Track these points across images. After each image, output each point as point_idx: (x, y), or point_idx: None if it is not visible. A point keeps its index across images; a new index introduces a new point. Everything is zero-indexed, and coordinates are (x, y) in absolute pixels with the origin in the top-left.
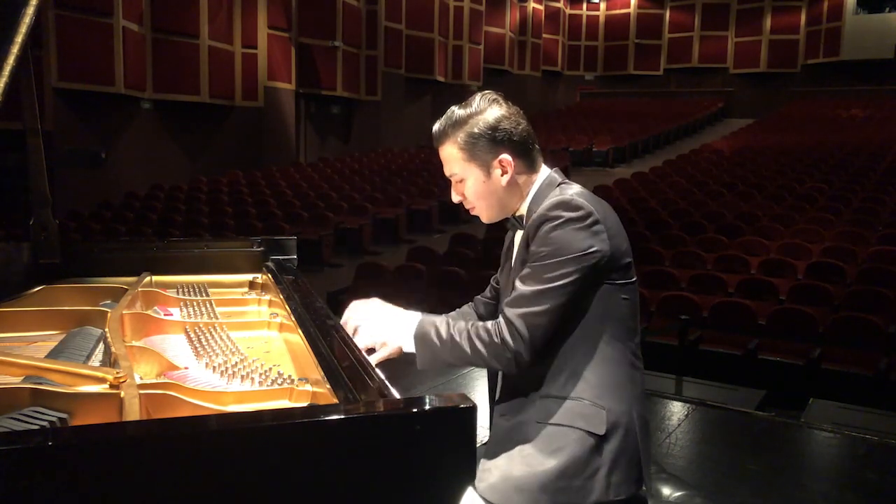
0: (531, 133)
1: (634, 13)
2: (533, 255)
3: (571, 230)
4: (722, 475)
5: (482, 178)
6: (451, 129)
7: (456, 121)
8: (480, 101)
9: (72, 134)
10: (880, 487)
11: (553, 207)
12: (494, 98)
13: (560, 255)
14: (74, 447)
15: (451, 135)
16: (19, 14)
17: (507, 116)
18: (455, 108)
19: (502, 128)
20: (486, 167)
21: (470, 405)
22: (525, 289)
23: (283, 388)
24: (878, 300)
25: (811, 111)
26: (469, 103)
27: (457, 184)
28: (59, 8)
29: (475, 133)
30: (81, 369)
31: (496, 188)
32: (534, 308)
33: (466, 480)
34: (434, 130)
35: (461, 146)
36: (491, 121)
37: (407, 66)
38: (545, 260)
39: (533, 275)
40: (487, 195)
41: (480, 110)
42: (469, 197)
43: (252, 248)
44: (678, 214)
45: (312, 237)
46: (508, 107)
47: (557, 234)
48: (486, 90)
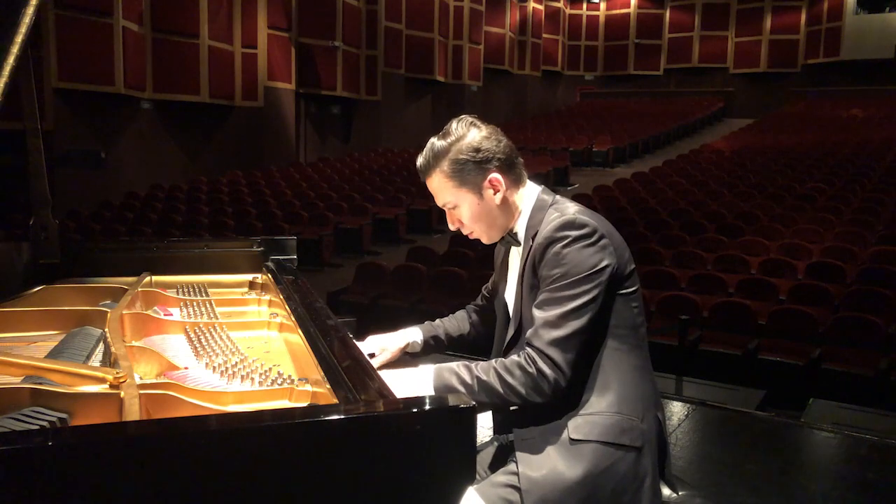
0: (513, 147)
1: (634, 13)
2: (546, 278)
3: (581, 248)
4: (722, 475)
5: (476, 200)
6: (434, 160)
7: (438, 151)
8: (458, 126)
9: (72, 134)
10: (880, 487)
11: (559, 228)
12: (471, 121)
13: (575, 275)
14: (74, 447)
15: (436, 166)
16: (19, 14)
17: (487, 136)
18: (434, 140)
19: (485, 148)
20: (477, 190)
21: (470, 405)
22: (548, 315)
23: (283, 388)
24: (878, 300)
25: (811, 111)
26: (447, 132)
27: (451, 211)
28: (59, 8)
29: (461, 159)
30: (81, 369)
31: (490, 208)
32: (561, 332)
33: (466, 480)
34: (419, 165)
35: (449, 174)
36: (473, 143)
37: (407, 66)
38: (561, 281)
39: (552, 299)
40: (483, 216)
41: (460, 136)
42: (466, 222)
43: (252, 248)
44: (678, 214)
45: (312, 237)
46: (486, 126)
47: (568, 254)
48: (462, 115)
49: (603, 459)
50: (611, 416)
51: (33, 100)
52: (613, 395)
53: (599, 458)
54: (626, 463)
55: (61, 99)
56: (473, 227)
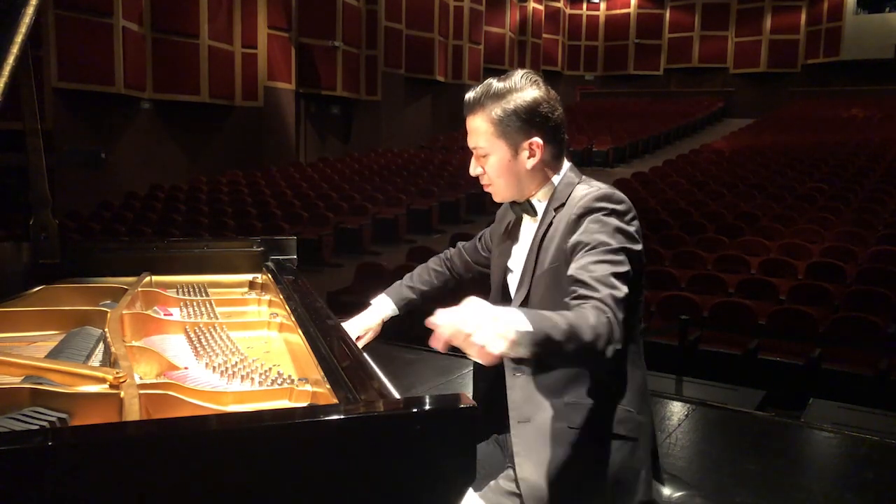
0: (564, 122)
1: (634, 13)
2: (585, 244)
3: (621, 221)
4: (722, 475)
5: (508, 156)
6: (487, 100)
7: (494, 93)
8: (521, 79)
9: (72, 134)
10: (880, 487)
11: (599, 199)
12: (535, 79)
13: (619, 244)
14: (74, 447)
15: (486, 106)
16: (19, 14)
17: (547, 100)
18: (493, 81)
19: (540, 110)
20: (514, 147)
21: (470, 405)
22: (601, 273)
23: (283, 388)
24: (878, 300)
25: (811, 111)
26: (509, 78)
27: (480, 157)
28: (59, 8)
29: (510, 110)
30: (81, 369)
31: (520, 169)
32: (617, 292)
33: (467, 480)
34: (468, 98)
35: (494, 121)
36: (529, 100)
37: (407, 66)
38: (604, 247)
39: (600, 261)
40: (509, 175)
41: (520, 88)
42: (489, 172)
43: (252, 248)
44: (678, 214)
45: (312, 237)
46: (548, 90)
47: (608, 223)
48: (528, 70)
49: (600, 450)
50: (605, 407)
51: (33, 100)
52: (610, 387)
53: (597, 448)
54: (623, 453)
55: (61, 99)
56: (494, 181)
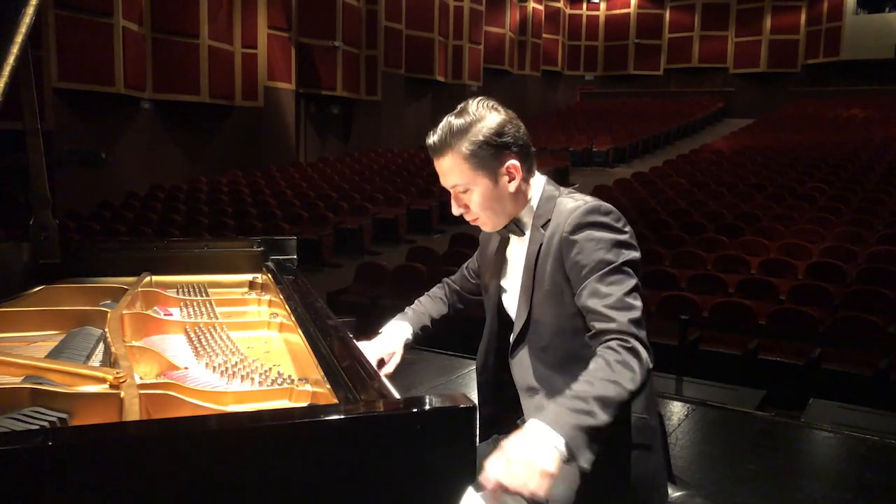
0: (528, 136)
1: (634, 13)
2: (583, 265)
3: (613, 232)
4: (722, 475)
5: (490, 186)
6: (452, 138)
7: (458, 130)
8: (477, 107)
9: (72, 134)
10: (880, 487)
11: (588, 213)
12: (491, 104)
13: (616, 259)
14: (74, 447)
15: (453, 145)
16: (19, 14)
17: (509, 121)
18: (451, 119)
19: (507, 132)
20: (493, 175)
21: (470, 405)
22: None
23: (283, 388)
24: (878, 300)
25: (811, 111)
26: (465, 111)
27: (459, 195)
28: (59, 8)
29: (479, 141)
30: (81, 369)
31: (503, 195)
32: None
33: (466, 480)
34: (432, 142)
35: (466, 155)
36: (494, 126)
37: (407, 66)
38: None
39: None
40: (495, 203)
41: (481, 116)
42: (474, 207)
43: (252, 248)
44: (678, 214)
45: (312, 237)
46: (506, 111)
47: (603, 238)
48: (479, 97)
49: (618, 462)
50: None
51: (33, 100)
52: None
53: (614, 460)
54: (640, 463)
55: (61, 99)
56: (481, 213)
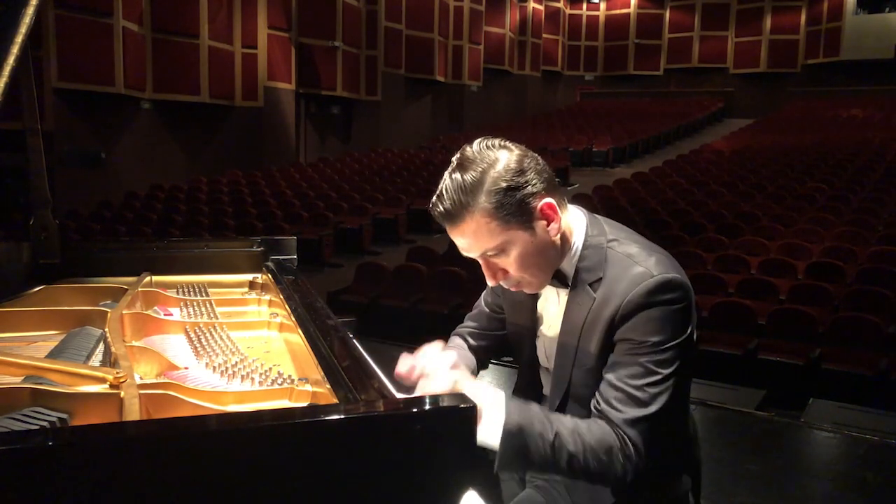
0: (545, 164)
1: (634, 13)
2: (629, 342)
3: (675, 313)
4: (722, 475)
5: (528, 238)
6: (468, 197)
7: (471, 186)
8: (481, 151)
9: (72, 134)
10: (880, 487)
11: (656, 291)
12: (497, 142)
13: (668, 341)
14: (74, 447)
15: (471, 205)
16: (19, 14)
17: (524, 154)
18: (456, 175)
19: (528, 168)
20: (529, 224)
21: (470, 405)
22: (630, 386)
23: (283, 388)
24: (878, 300)
25: (811, 111)
26: (469, 160)
27: (491, 261)
28: (59, 8)
29: (502, 189)
30: (81, 369)
31: (546, 245)
32: (648, 410)
33: (467, 480)
34: (443, 210)
35: (491, 212)
36: (514, 166)
37: (407, 66)
38: (648, 347)
39: (636, 365)
40: (538, 258)
41: (492, 161)
42: (515, 271)
43: (252, 248)
44: (678, 214)
45: (312, 237)
46: (517, 145)
47: (662, 319)
48: (476, 140)
49: None
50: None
51: (33, 100)
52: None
53: None
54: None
55: (61, 99)
56: (524, 274)
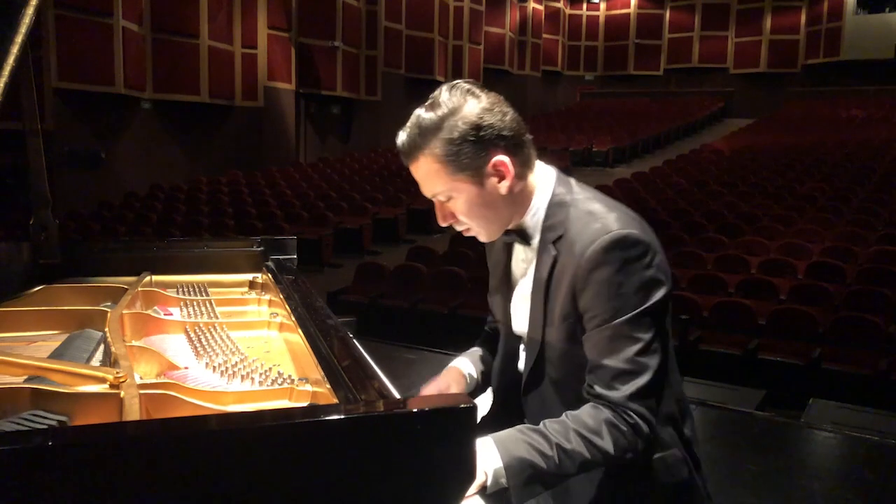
0: (520, 121)
1: (634, 13)
2: (597, 313)
3: (638, 273)
4: (722, 475)
5: (475, 190)
6: (422, 139)
7: (427, 128)
8: (450, 95)
9: (72, 134)
10: (880, 487)
11: (610, 248)
12: (467, 88)
13: (638, 306)
14: (74, 447)
15: (424, 146)
16: (19, 14)
17: (489, 108)
18: (421, 112)
19: (487, 123)
20: (478, 177)
21: (470, 405)
22: (619, 360)
23: (283, 388)
24: (878, 300)
25: (811, 111)
26: (436, 102)
27: (443, 204)
28: (59, 8)
29: (456, 137)
30: (82, 369)
31: (495, 199)
32: (643, 379)
33: (467, 480)
34: (400, 143)
35: (441, 158)
36: (472, 118)
37: (407, 66)
38: (622, 316)
39: (618, 338)
40: (485, 210)
41: (454, 108)
42: (462, 216)
43: (252, 247)
44: (678, 214)
45: (312, 237)
46: (487, 94)
47: (624, 282)
48: (456, 81)
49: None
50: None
51: (33, 100)
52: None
53: None
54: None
55: (61, 99)
56: (470, 223)
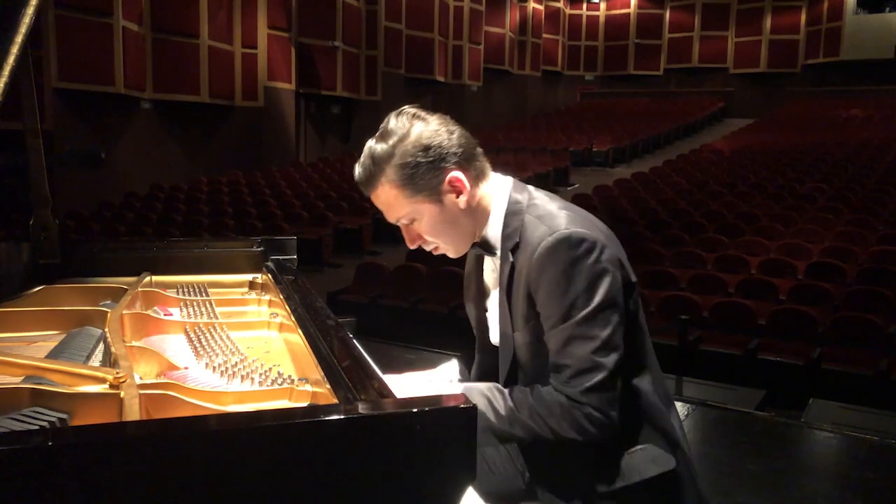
0: (469, 137)
1: (634, 13)
2: (551, 313)
3: (586, 270)
4: (722, 475)
5: (436, 209)
6: (377, 168)
7: (380, 157)
8: (398, 123)
9: (72, 134)
10: (880, 487)
11: (554, 248)
12: (413, 113)
13: (590, 304)
14: (74, 447)
15: (380, 175)
16: (19, 14)
17: (437, 129)
18: (372, 144)
19: (436, 143)
20: (436, 195)
21: (470, 405)
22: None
23: (283, 388)
24: (878, 300)
25: (811, 111)
26: (386, 132)
27: (408, 227)
28: (59, 8)
29: (409, 162)
30: (81, 369)
31: (455, 215)
32: (599, 375)
33: (467, 480)
34: (358, 177)
35: (398, 183)
36: (422, 141)
37: (407, 66)
38: (576, 315)
39: (573, 337)
40: (448, 227)
41: (404, 134)
42: (428, 236)
43: (252, 248)
44: (678, 214)
45: (312, 237)
46: (433, 116)
47: (572, 281)
48: (402, 108)
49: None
50: (637, 453)
51: (33, 100)
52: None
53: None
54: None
55: (61, 99)
56: (437, 241)
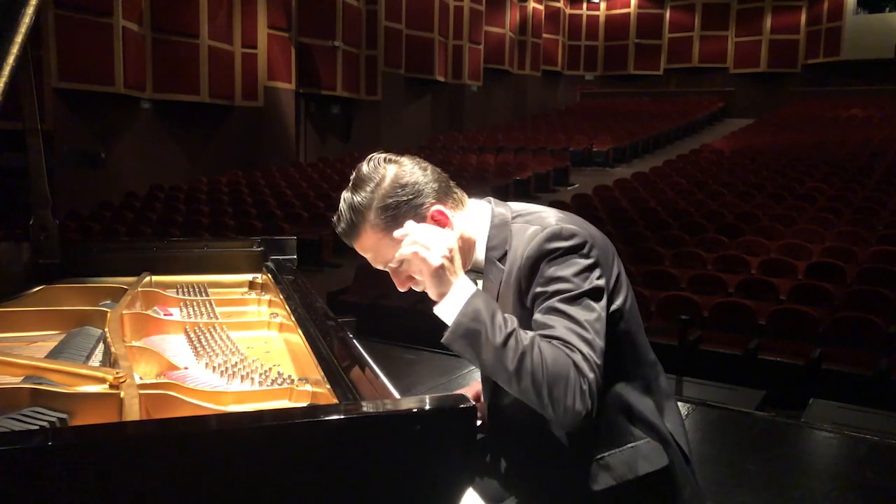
0: (440, 171)
1: (634, 13)
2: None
3: (577, 258)
4: (722, 475)
5: None
6: (359, 217)
7: (359, 206)
8: (370, 169)
9: (72, 134)
10: (880, 487)
11: (548, 240)
12: (384, 157)
13: (578, 289)
14: (74, 447)
15: (363, 222)
16: (19, 14)
17: (411, 168)
18: (347, 195)
19: (413, 181)
20: None
21: (470, 405)
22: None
23: (283, 388)
24: (878, 300)
25: (811, 111)
26: (360, 180)
27: (396, 271)
28: (59, 8)
29: (390, 204)
30: (81, 369)
31: None
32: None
33: (467, 480)
34: (341, 230)
35: (382, 227)
36: (399, 181)
37: (407, 66)
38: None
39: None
40: None
41: (377, 178)
42: (419, 276)
43: (252, 248)
44: (678, 214)
45: (312, 237)
46: (403, 157)
47: (567, 264)
48: (371, 155)
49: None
50: (627, 451)
51: (33, 100)
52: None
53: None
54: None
55: (61, 99)
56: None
